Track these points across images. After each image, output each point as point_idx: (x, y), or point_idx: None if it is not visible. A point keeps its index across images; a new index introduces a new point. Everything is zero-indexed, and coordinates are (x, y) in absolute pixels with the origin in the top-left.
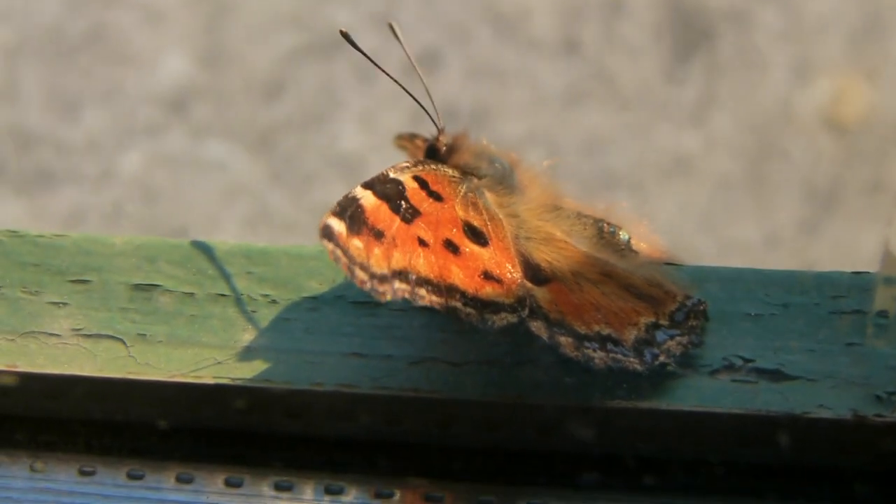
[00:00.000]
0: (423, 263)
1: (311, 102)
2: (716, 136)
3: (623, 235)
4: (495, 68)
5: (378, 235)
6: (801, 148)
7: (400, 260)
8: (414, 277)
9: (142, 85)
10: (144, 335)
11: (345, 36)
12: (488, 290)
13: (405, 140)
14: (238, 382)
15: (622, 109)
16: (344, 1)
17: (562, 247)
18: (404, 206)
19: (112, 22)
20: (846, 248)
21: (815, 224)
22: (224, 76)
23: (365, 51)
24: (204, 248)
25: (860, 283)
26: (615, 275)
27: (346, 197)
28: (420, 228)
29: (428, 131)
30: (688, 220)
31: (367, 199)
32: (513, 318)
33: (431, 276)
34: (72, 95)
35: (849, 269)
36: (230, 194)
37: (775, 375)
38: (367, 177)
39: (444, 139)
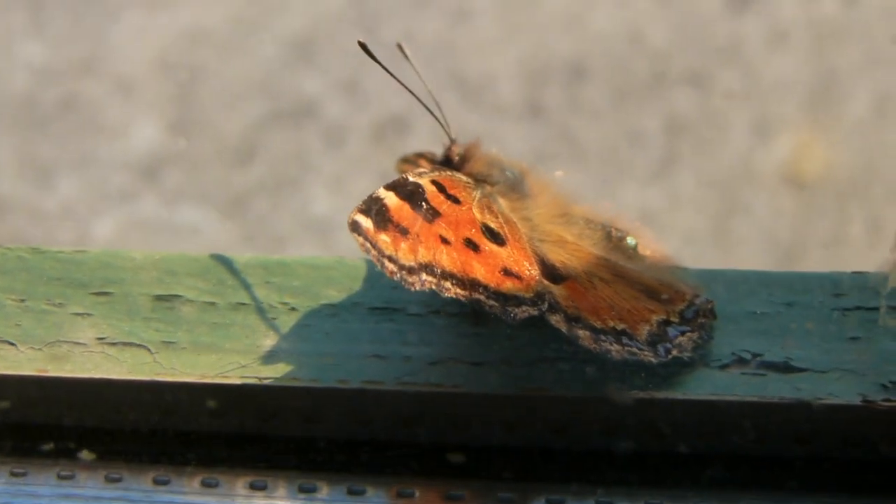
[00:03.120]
0: (447, 259)
1: (282, 167)
2: (679, 194)
3: (630, 240)
4: (462, 133)
5: (403, 232)
6: (763, 204)
7: (425, 255)
8: (439, 271)
9: (114, 152)
10: (169, 342)
11: (362, 47)
12: (509, 285)
13: (409, 163)
14: (265, 382)
15: (587, 169)
16: (312, 69)
17: (574, 249)
18: (425, 206)
19: (84, 91)
20: None
21: None
22: (195, 143)
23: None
24: (223, 261)
25: (860, 282)
26: (626, 275)
27: (370, 197)
28: (441, 227)
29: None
30: None
31: (391, 199)
32: (533, 311)
33: (455, 270)
34: (45, 163)
35: None
36: None
37: (784, 368)
38: (339, 239)
39: (456, 149)
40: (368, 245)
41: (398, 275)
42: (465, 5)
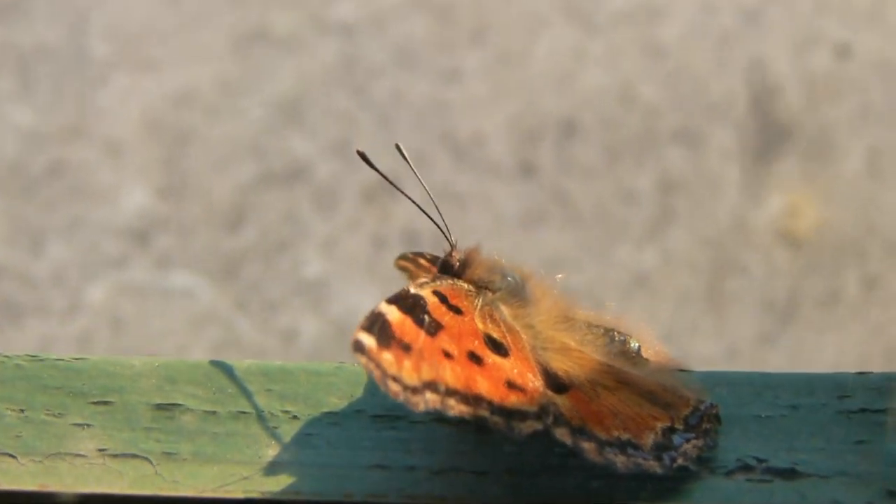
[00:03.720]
0: (451, 374)
1: (273, 230)
2: (673, 253)
3: (633, 344)
4: (454, 193)
5: (406, 348)
6: (757, 262)
7: (429, 371)
8: (443, 388)
9: (104, 217)
10: (170, 454)
11: (362, 156)
12: (513, 399)
13: (408, 261)
14: (268, 496)
15: (580, 229)
16: (302, 131)
17: (577, 356)
18: (427, 319)
19: (72, 157)
20: (805, 360)
21: (773, 336)
22: (185, 207)
23: (377, 168)
24: (223, 367)
25: (865, 383)
26: (630, 381)
27: (372, 312)
28: (444, 341)
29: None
30: None
31: (392, 313)
32: (538, 426)
33: (459, 386)
34: (35, 229)
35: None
36: (197, 323)
37: (789, 474)
38: (331, 305)
39: (457, 255)
40: (372, 366)
41: (402, 396)
42: (454, 64)
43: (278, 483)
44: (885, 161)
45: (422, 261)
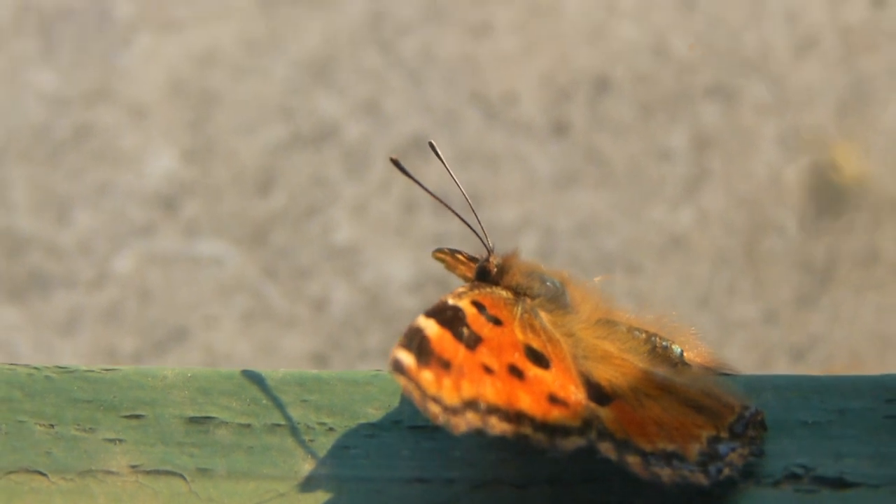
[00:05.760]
0: (491, 391)
1: (302, 194)
2: (709, 212)
3: (676, 349)
4: (485, 153)
5: (445, 365)
6: (795, 220)
7: (469, 389)
8: (484, 406)
9: (130, 183)
10: (204, 470)
11: (395, 163)
12: (556, 414)
13: (445, 254)
14: None
15: (614, 189)
16: (331, 90)
17: (619, 364)
18: (466, 332)
19: (96, 121)
20: (846, 321)
21: (813, 298)
22: (212, 171)
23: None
24: (256, 378)
25: None
26: (673, 389)
27: (410, 328)
28: (484, 355)
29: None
30: (686, 299)
31: (431, 328)
32: (582, 441)
33: (500, 403)
34: (61, 197)
35: (850, 340)
36: (226, 291)
37: (837, 483)
38: (364, 268)
39: (494, 260)
40: (412, 386)
41: (442, 418)
42: (485, 18)
43: (315, 500)
44: None
45: (460, 256)
